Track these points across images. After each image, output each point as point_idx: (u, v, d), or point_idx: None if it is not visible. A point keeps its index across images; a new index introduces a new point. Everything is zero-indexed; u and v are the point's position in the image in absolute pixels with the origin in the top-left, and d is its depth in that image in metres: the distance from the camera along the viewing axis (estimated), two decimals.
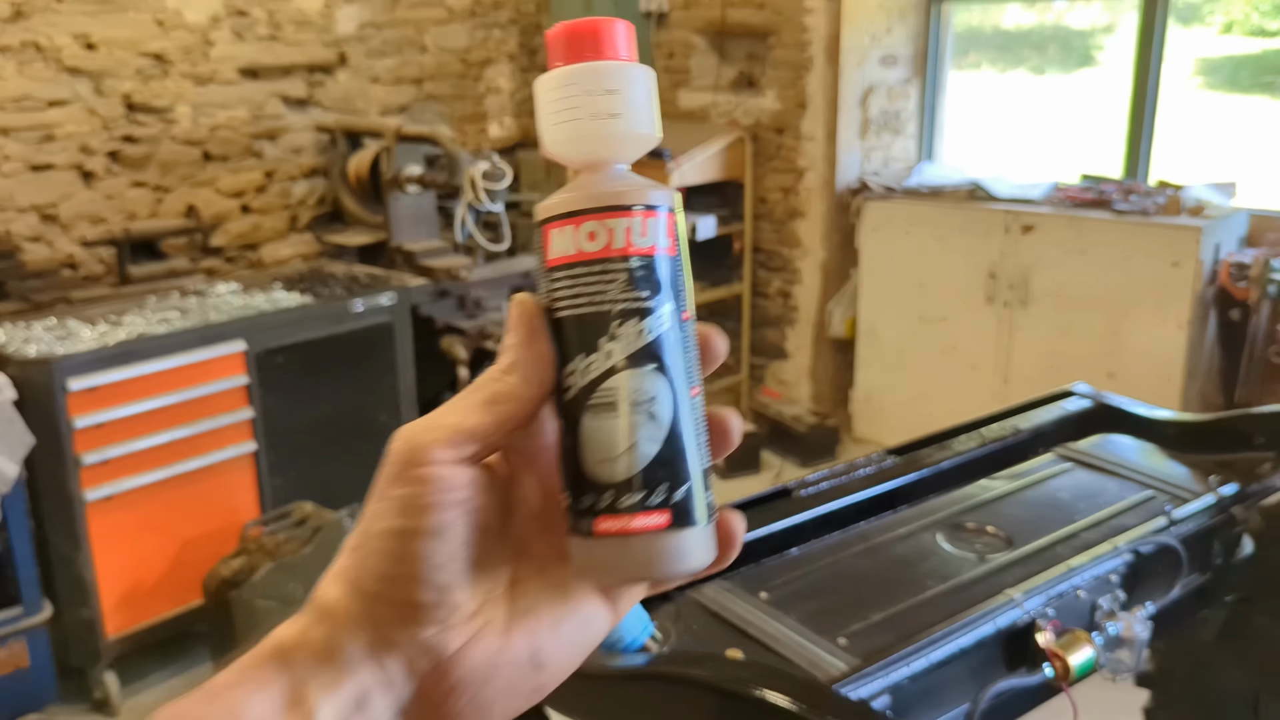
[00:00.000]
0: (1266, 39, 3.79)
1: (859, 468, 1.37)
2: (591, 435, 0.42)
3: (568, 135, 0.44)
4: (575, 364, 0.43)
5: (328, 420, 2.93)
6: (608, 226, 0.43)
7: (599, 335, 0.43)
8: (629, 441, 0.42)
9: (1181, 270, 3.12)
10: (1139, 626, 1.14)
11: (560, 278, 0.43)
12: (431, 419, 0.42)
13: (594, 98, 0.44)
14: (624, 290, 0.43)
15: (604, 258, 0.43)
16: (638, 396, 0.42)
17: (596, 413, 0.43)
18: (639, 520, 0.42)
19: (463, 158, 3.26)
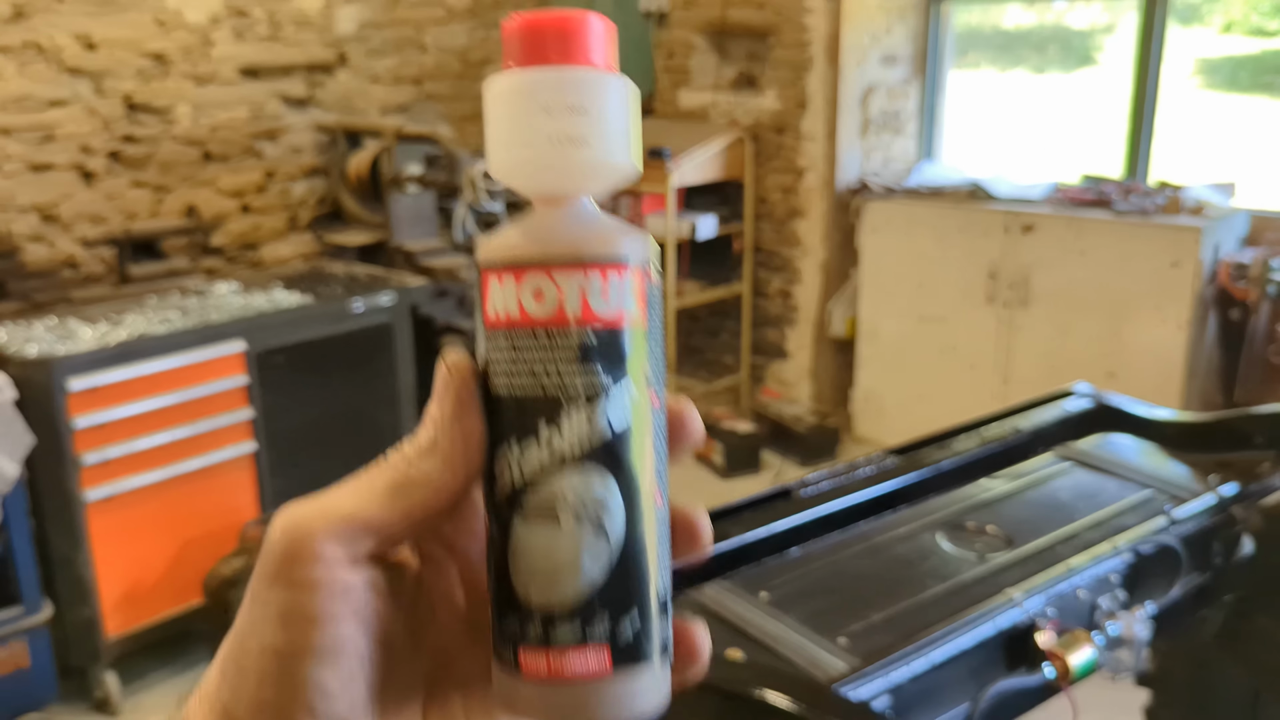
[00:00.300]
0: (1266, 39, 3.79)
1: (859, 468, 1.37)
2: (522, 545, 0.34)
3: (520, 160, 0.35)
4: (509, 452, 0.34)
5: (328, 420, 2.93)
6: (559, 285, 0.34)
7: (539, 421, 0.34)
8: (567, 561, 0.34)
9: (1181, 270, 3.12)
10: (1139, 626, 1.14)
11: (498, 342, 0.35)
12: (323, 501, 0.34)
13: (556, 116, 0.34)
14: (575, 368, 0.34)
15: (552, 326, 0.34)
16: (583, 505, 0.34)
17: (530, 519, 0.34)
18: (573, 660, 0.34)
19: (462, 157, 3.26)
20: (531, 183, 0.36)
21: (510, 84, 0.35)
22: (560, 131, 0.35)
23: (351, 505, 0.33)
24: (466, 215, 3.34)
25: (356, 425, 3.00)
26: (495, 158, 0.36)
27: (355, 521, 0.33)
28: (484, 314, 0.35)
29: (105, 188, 3.37)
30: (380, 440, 3.03)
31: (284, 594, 0.32)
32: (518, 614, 0.34)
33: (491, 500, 0.35)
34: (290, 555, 0.33)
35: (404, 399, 3.08)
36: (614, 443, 0.34)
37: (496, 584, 0.35)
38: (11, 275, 3.16)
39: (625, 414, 0.35)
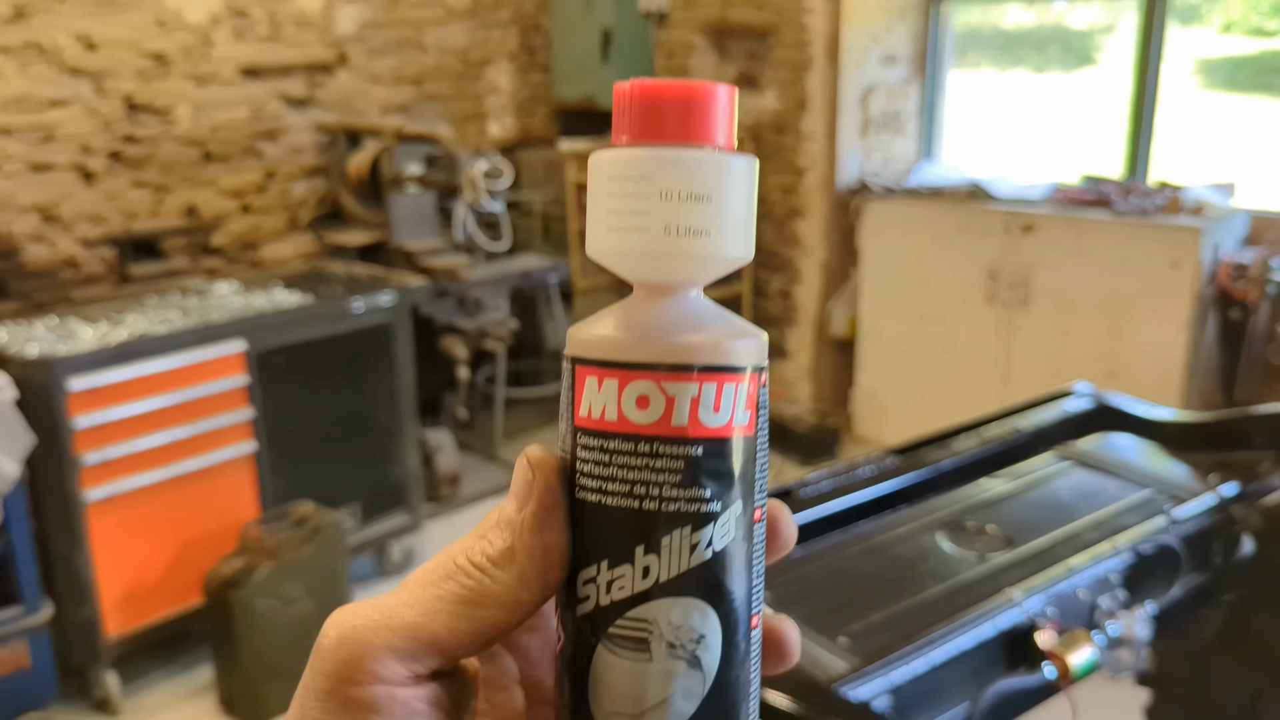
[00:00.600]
0: (1266, 39, 3.79)
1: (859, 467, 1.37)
2: (607, 675, 0.31)
3: (629, 247, 0.32)
4: (597, 572, 0.31)
5: (328, 420, 2.93)
6: (667, 394, 0.31)
7: (636, 542, 0.31)
8: (660, 696, 0.31)
9: (1181, 270, 3.12)
10: (1139, 626, 1.14)
11: (590, 446, 0.31)
12: (381, 611, 0.31)
13: (674, 205, 0.31)
14: (679, 486, 0.31)
15: (656, 436, 0.31)
16: (679, 636, 0.31)
17: (619, 647, 0.31)
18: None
19: (462, 157, 3.26)
20: (639, 270, 0.33)
21: (623, 162, 0.32)
22: (679, 221, 0.31)
23: (415, 617, 0.30)
24: (466, 215, 3.34)
25: (356, 425, 3.00)
26: (598, 238, 0.32)
27: (419, 637, 0.30)
28: (575, 409, 0.32)
29: (105, 188, 3.37)
30: (380, 440, 3.04)
31: (340, 715, 0.30)
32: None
33: (571, 615, 0.32)
34: (347, 671, 0.30)
35: (404, 399, 3.08)
36: (716, 570, 0.31)
37: (572, 710, 0.32)
38: (12, 275, 3.16)
39: (729, 538, 0.31)
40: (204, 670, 2.68)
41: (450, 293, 3.23)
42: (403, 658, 0.30)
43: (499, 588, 0.31)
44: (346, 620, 0.31)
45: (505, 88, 4.48)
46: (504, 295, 3.38)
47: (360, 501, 2.97)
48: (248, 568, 2.42)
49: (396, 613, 0.31)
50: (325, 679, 0.30)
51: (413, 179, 3.30)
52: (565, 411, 0.33)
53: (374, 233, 3.47)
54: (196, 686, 2.66)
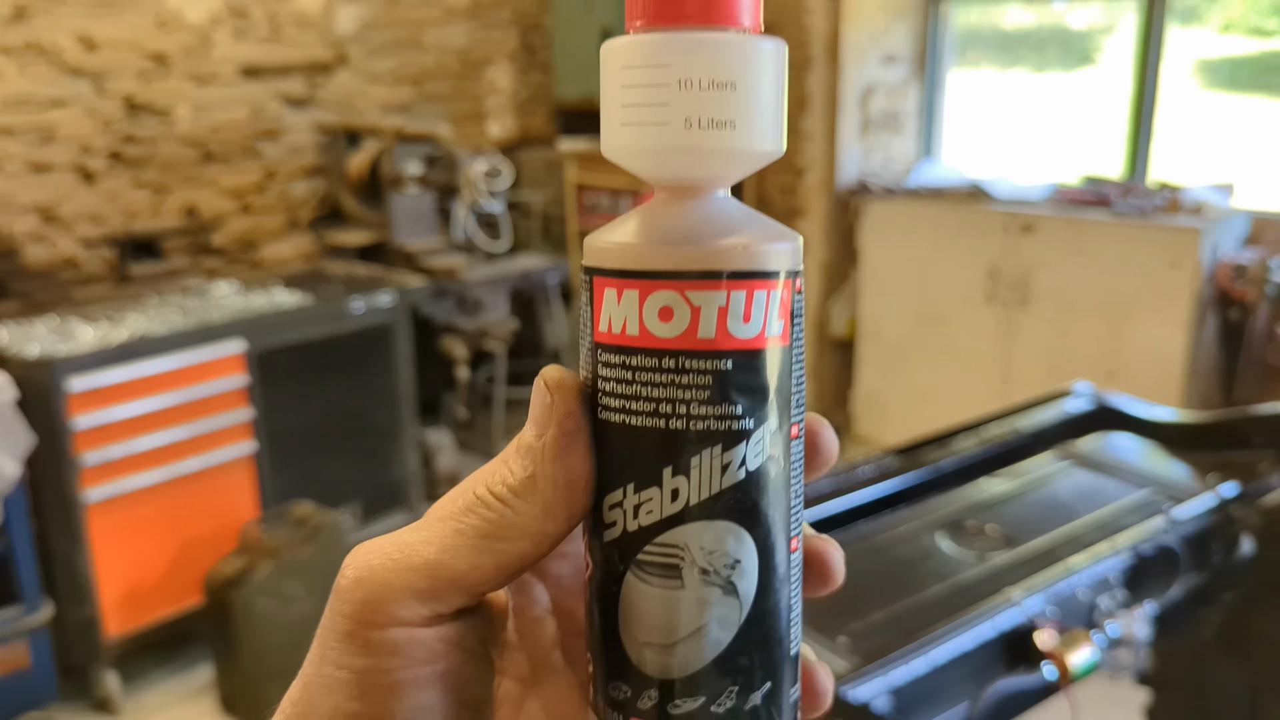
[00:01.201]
0: (1266, 39, 3.79)
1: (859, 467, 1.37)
2: (638, 603, 0.29)
3: (647, 143, 0.29)
4: (623, 496, 0.29)
5: (328, 420, 2.93)
6: (692, 304, 0.28)
7: (663, 464, 0.29)
8: (694, 625, 0.29)
9: (1181, 271, 3.12)
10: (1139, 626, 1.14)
11: (612, 363, 0.29)
12: (400, 548, 0.29)
13: (697, 94, 0.28)
14: (707, 402, 0.28)
15: (682, 350, 0.28)
16: (713, 561, 0.29)
17: (649, 574, 0.29)
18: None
19: (462, 157, 3.26)
20: (659, 169, 0.30)
21: (638, 49, 0.29)
22: (701, 112, 0.28)
23: (435, 554, 0.29)
24: (466, 215, 3.34)
25: (356, 425, 3.00)
26: (613, 135, 0.30)
27: (440, 576, 0.29)
28: (594, 325, 0.30)
29: (105, 188, 3.37)
30: (380, 440, 3.04)
31: (360, 658, 0.28)
32: (628, 679, 0.30)
33: (598, 542, 0.30)
34: (365, 613, 0.28)
35: (404, 399, 3.08)
36: (751, 491, 0.29)
37: (603, 641, 0.30)
38: (12, 275, 3.16)
39: (764, 456, 0.29)
40: (204, 670, 2.68)
41: (450, 293, 3.23)
42: (423, 598, 0.28)
43: (522, 519, 0.29)
44: (364, 559, 0.29)
45: (505, 88, 4.48)
46: (504, 295, 3.38)
47: (360, 501, 2.97)
48: (248, 568, 2.42)
49: (416, 550, 0.29)
50: (344, 620, 0.29)
51: (413, 179, 3.30)
52: (584, 328, 0.30)
53: (374, 233, 3.47)
54: (196, 686, 2.66)
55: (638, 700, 0.30)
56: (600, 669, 0.31)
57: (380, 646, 0.28)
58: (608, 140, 0.30)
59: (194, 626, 2.64)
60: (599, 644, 0.30)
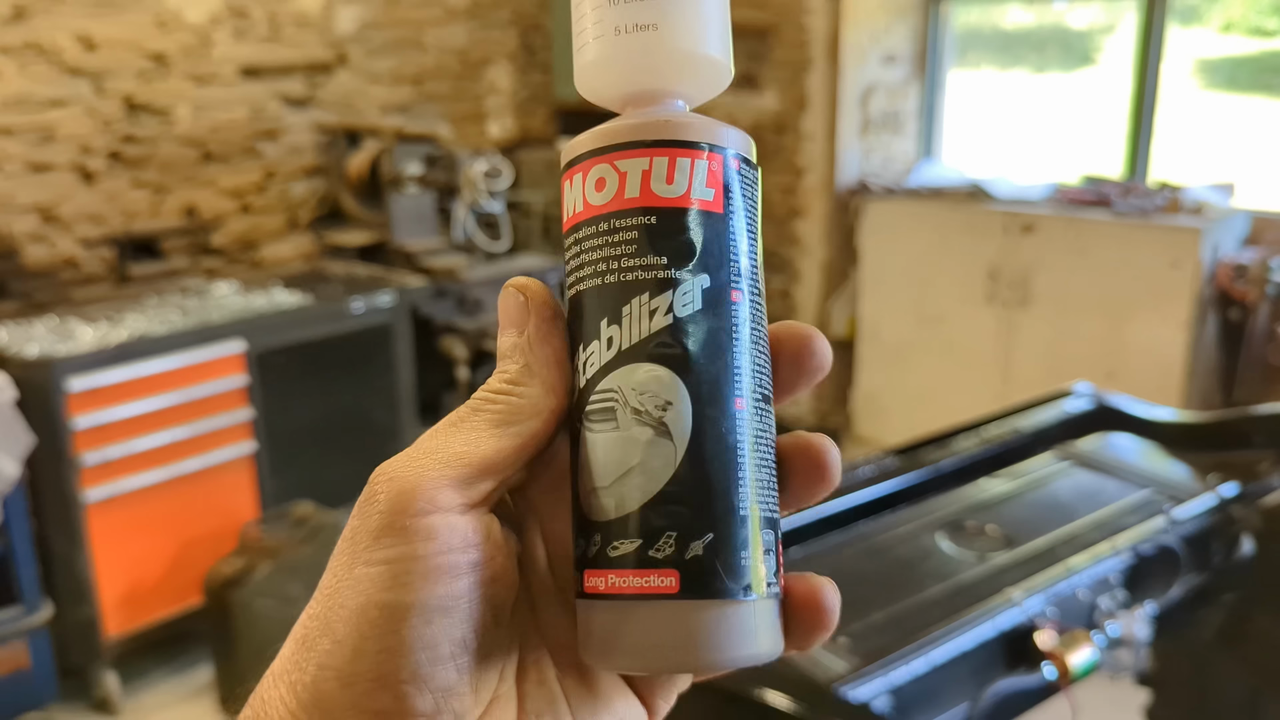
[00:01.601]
0: (1266, 39, 3.79)
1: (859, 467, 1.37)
2: (586, 453, 0.31)
3: (599, 56, 0.32)
4: (579, 358, 0.32)
5: (328, 420, 2.93)
6: (619, 170, 0.31)
7: (601, 315, 0.31)
8: (629, 462, 0.30)
9: (1181, 271, 3.12)
10: (1139, 626, 1.14)
11: (570, 244, 0.33)
12: (428, 449, 0.31)
13: (623, 5, 0.32)
14: (634, 255, 0.31)
15: (611, 211, 0.31)
16: (643, 402, 0.30)
17: (593, 422, 0.31)
18: (632, 579, 0.30)
19: (462, 157, 3.26)
20: (617, 79, 0.33)
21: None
22: (625, 19, 0.31)
23: (463, 446, 0.31)
24: (466, 215, 3.34)
25: (356, 425, 3.00)
26: (577, 71, 0.33)
27: (471, 462, 0.30)
28: (564, 216, 0.33)
29: (105, 188, 3.37)
30: (380, 440, 3.04)
31: (396, 548, 0.29)
32: (582, 532, 0.31)
33: (569, 419, 0.32)
34: (403, 502, 0.30)
35: (404, 399, 3.08)
36: (679, 337, 0.31)
37: (571, 501, 0.32)
38: (11, 275, 3.16)
39: (693, 306, 0.31)
40: (204, 670, 2.68)
41: (450, 293, 3.23)
42: (457, 484, 0.30)
43: (528, 401, 0.32)
44: (393, 467, 0.31)
45: (505, 88, 4.48)
46: None
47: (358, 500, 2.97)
48: (248, 568, 2.42)
49: (443, 445, 0.31)
50: (380, 517, 0.30)
51: (412, 179, 3.30)
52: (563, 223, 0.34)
53: (374, 233, 3.47)
54: (196, 686, 2.66)
55: (588, 549, 0.31)
56: (573, 535, 0.32)
57: (419, 532, 0.29)
58: (578, 72, 0.33)
59: (194, 626, 2.64)
60: (571, 512, 0.32)
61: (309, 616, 0.30)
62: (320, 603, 0.30)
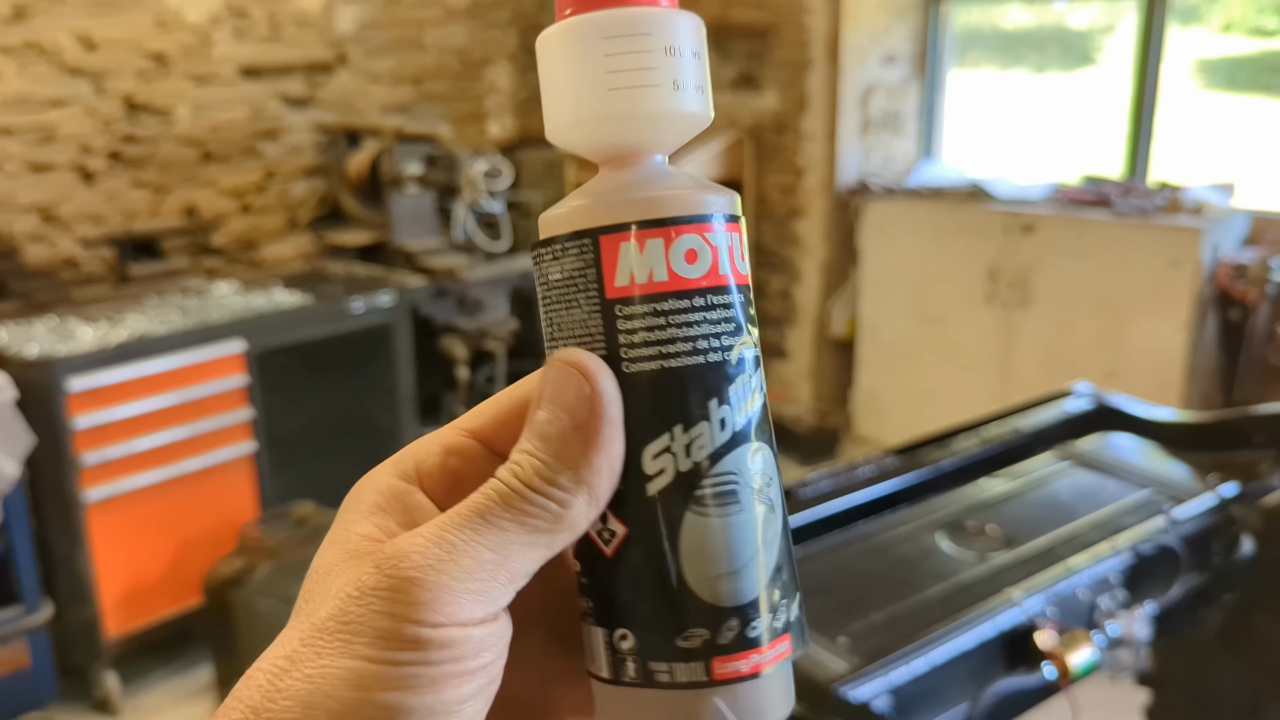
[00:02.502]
0: (1266, 39, 3.79)
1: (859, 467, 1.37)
2: (701, 538, 0.30)
3: (598, 112, 0.31)
4: (670, 440, 0.30)
5: (328, 420, 2.93)
6: (711, 243, 0.31)
7: (710, 395, 0.30)
8: (756, 543, 0.31)
9: (1181, 270, 3.12)
10: (1139, 626, 1.14)
11: (640, 314, 0.30)
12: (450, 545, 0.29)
13: (617, 61, 0.31)
14: (732, 334, 0.31)
15: (709, 287, 0.31)
16: (759, 480, 0.31)
17: (710, 506, 0.30)
18: (769, 652, 0.31)
19: (462, 157, 3.26)
20: (588, 142, 0.32)
21: (578, 31, 0.31)
22: (624, 77, 0.31)
23: (491, 554, 0.28)
24: (466, 215, 3.34)
25: (356, 425, 3.00)
26: (560, 114, 0.32)
27: (498, 576, 0.29)
28: (607, 282, 0.31)
29: (105, 188, 3.36)
30: (380, 440, 3.04)
31: (405, 651, 0.27)
32: (703, 620, 0.30)
33: (637, 500, 0.31)
34: (418, 611, 0.28)
35: (404, 399, 3.08)
36: (767, 410, 0.32)
37: (662, 598, 0.31)
38: (11, 275, 3.16)
39: (764, 379, 0.32)
40: (204, 670, 2.68)
41: (450, 293, 3.23)
42: (480, 599, 0.28)
43: (570, 514, 0.29)
44: (408, 560, 0.28)
45: (505, 88, 4.48)
46: (504, 295, 3.38)
47: None
48: (248, 568, 2.42)
49: (466, 551, 0.28)
50: (389, 619, 0.28)
51: (412, 179, 3.30)
52: (581, 292, 0.31)
53: (374, 233, 3.47)
54: (196, 686, 2.66)
55: (718, 637, 0.30)
56: (657, 626, 0.31)
57: (433, 642, 0.28)
58: (554, 121, 0.32)
59: (194, 626, 2.64)
60: (650, 601, 0.31)
61: (276, 691, 0.28)
62: (298, 680, 0.28)
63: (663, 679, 0.31)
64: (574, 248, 0.31)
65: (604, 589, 0.31)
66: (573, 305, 0.32)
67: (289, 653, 0.29)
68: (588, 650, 0.32)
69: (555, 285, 0.32)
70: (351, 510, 0.33)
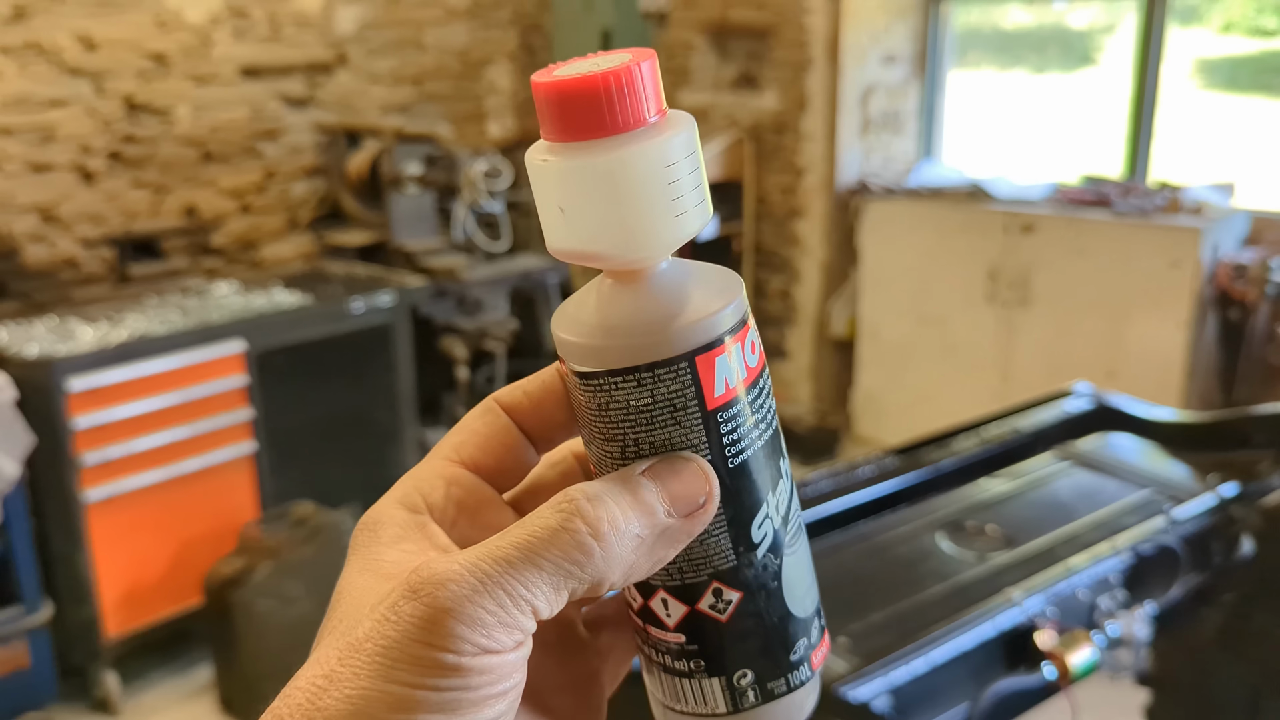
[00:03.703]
0: (1266, 39, 3.79)
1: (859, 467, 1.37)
2: (798, 574, 0.37)
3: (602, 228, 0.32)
4: (769, 509, 0.35)
5: (328, 420, 2.93)
6: (752, 337, 0.35)
7: (780, 456, 0.36)
8: (812, 566, 0.39)
9: (1181, 270, 3.12)
10: (1139, 626, 1.14)
11: (734, 414, 0.34)
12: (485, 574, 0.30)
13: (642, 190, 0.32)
14: (774, 409, 0.36)
15: (762, 371, 0.35)
16: (798, 511, 0.38)
17: (795, 545, 0.37)
18: (825, 646, 0.39)
19: (462, 157, 3.26)
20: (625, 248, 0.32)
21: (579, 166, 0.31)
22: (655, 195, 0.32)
23: (522, 588, 0.30)
24: (466, 215, 3.34)
25: (356, 425, 3.00)
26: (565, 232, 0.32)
27: (525, 609, 0.30)
28: (706, 396, 0.33)
29: (105, 188, 3.36)
30: (380, 440, 3.04)
31: (444, 677, 0.29)
32: (803, 632, 0.37)
33: (748, 563, 0.35)
34: (454, 640, 0.29)
35: (404, 399, 3.08)
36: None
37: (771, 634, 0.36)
38: (11, 275, 3.16)
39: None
40: (204, 670, 2.68)
41: (450, 293, 3.23)
42: (511, 629, 0.30)
43: (606, 573, 0.31)
44: (444, 588, 0.29)
45: (505, 88, 4.48)
46: (504, 295, 3.38)
47: (360, 501, 2.97)
48: (248, 568, 2.42)
49: (502, 576, 0.30)
50: (425, 647, 0.29)
51: (412, 179, 3.30)
52: (675, 411, 0.33)
53: (374, 233, 3.47)
54: (196, 686, 2.66)
55: (811, 637, 0.37)
56: (774, 655, 0.36)
57: (471, 669, 0.29)
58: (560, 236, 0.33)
59: (194, 626, 2.64)
60: (768, 641, 0.35)
61: (316, 710, 0.30)
62: (337, 700, 0.29)
63: (780, 691, 0.36)
64: (666, 375, 0.33)
65: (720, 646, 0.35)
66: (666, 424, 0.33)
67: (327, 671, 0.30)
68: (692, 701, 0.36)
69: (638, 410, 0.33)
70: (374, 544, 0.34)
